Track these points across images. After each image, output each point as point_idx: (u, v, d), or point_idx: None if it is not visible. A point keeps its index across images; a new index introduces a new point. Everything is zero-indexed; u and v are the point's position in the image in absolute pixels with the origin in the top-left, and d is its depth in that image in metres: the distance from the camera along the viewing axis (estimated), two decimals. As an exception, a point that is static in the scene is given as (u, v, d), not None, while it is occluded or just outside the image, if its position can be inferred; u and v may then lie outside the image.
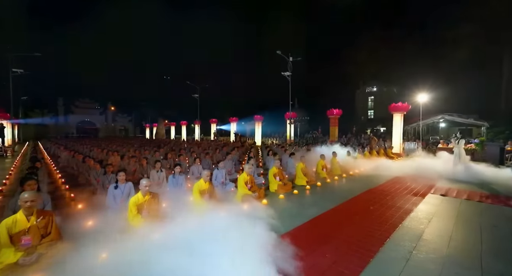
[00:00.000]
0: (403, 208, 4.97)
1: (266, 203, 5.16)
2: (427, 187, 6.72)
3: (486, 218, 4.47)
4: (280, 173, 6.59)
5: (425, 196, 5.84)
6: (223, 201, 4.89)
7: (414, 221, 4.29)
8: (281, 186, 6.24)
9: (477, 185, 6.89)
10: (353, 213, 4.70)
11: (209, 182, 4.69)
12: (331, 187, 6.99)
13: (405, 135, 21.63)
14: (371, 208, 5.01)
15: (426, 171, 8.30)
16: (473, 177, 7.39)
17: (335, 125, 18.95)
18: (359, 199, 5.67)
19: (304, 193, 6.19)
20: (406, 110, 15.40)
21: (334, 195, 6.04)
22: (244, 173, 5.57)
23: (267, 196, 5.85)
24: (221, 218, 3.31)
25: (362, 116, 55.15)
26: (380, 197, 5.83)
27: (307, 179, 7.15)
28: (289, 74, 20.84)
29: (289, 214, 4.58)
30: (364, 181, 7.68)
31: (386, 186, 6.94)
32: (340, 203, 5.29)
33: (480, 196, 5.80)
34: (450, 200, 5.59)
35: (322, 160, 8.36)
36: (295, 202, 5.41)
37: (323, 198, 5.78)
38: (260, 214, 4.26)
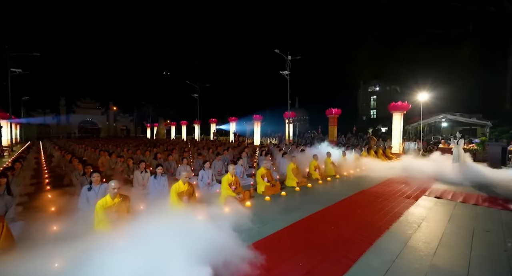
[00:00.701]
0: (393, 211, 4.73)
1: (249, 205, 4.96)
2: (422, 189, 6.46)
3: (480, 222, 4.22)
4: (268, 174, 6.38)
5: (418, 199, 5.59)
6: (203, 203, 4.70)
7: (403, 225, 4.06)
8: (269, 188, 6.03)
9: (475, 186, 6.61)
10: (339, 217, 4.47)
11: (188, 184, 4.49)
12: (321, 188, 6.76)
13: (406, 135, 21.28)
14: (358, 211, 4.78)
15: (424, 172, 8.01)
16: (472, 178, 7.09)
17: (334, 124, 18.67)
18: (348, 202, 5.43)
19: (292, 195, 5.97)
20: (406, 109, 15.08)
21: (323, 197, 5.82)
22: (228, 174, 5.37)
23: (253, 198, 5.65)
24: (187, 223, 3.10)
25: (365, 115, 54.64)
26: (371, 199, 5.60)
27: (298, 180, 6.94)
28: (288, 73, 20.58)
29: (271, 217, 4.37)
30: (357, 182, 7.43)
31: (379, 187, 6.69)
32: (328, 206, 5.06)
33: (476, 199, 5.53)
34: (444, 203, 5.33)
35: (314, 161, 8.13)
36: (280, 204, 5.20)
37: (311, 200, 5.56)
38: (238, 218, 4.06)
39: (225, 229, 3.24)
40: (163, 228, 2.76)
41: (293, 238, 3.56)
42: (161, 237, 2.55)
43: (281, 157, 9.20)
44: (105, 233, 2.95)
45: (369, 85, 53.70)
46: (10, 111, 20.74)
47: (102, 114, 49.27)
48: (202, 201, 5.01)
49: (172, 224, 2.91)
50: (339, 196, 5.82)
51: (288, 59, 20.68)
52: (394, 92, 48.99)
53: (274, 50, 20.05)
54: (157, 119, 43.57)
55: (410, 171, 8.16)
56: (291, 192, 6.23)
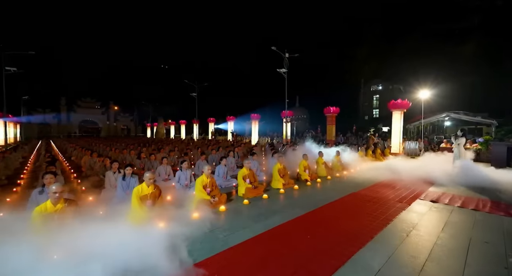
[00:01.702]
0: (381, 217, 4.25)
1: (223, 210, 4.52)
2: (417, 191, 5.96)
3: (478, 231, 3.73)
4: (250, 174, 5.94)
5: (412, 203, 5.10)
6: (173, 207, 4.28)
7: (389, 235, 3.59)
8: (250, 190, 5.59)
9: (476, 189, 6.08)
10: (320, 224, 4.02)
11: (153, 186, 4.07)
12: (309, 190, 6.30)
13: (408, 134, 20.66)
14: (342, 217, 4.32)
15: (421, 173, 7.50)
16: (473, 180, 6.56)
17: (332, 123, 18.14)
18: (334, 206, 4.97)
19: (275, 198, 5.53)
20: (406, 107, 14.49)
21: (308, 200, 5.36)
22: (203, 175, 4.94)
23: (232, 201, 5.22)
24: (114, 234, 2.68)
25: (367, 115, 53.81)
26: (359, 203, 5.13)
27: (284, 182, 6.49)
28: (285, 71, 20.10)
29: (242, 224, 3.93)
30: (348, 184, 6.96)
31: (370, 190, 6.21)
32: (310, 211, 4.61)
33: (476, 203, 5.02)
34: (439, 207, 4.84)
35: (304, 161, 7.66)
36: (259, 209, 4.75)
37: (293, 204, 5.11)
38: (204, 225, 3.64)
39: (165, 243, 2.78)
40: (79, 239, 2.34)
41: (260, 250, 3.12)
42: (70, 250, 2.13)
43: (271, 157, 8.76)
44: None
45: (371, 84, 52.90)
46: (5, 109, 20.54)
47: (102, 114, 49.29)
48: (173, 205, 4.60)
49: (92, 236, 2.48)
50: (326, 199, 5.36)
51: (286, 57, 20.24)
52: (397, 91, 48.09)
53: (271, 47, 19.66)
54: (157, 119, 43.38)
55: (407, 172, 7.64)
56: (275, 194, 5.78)
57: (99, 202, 4.61)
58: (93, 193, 5.24)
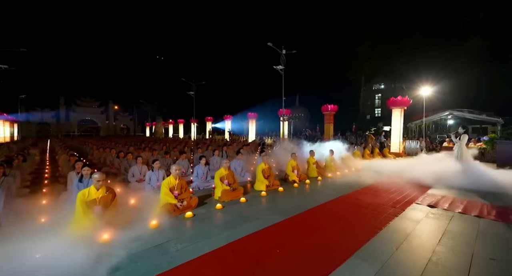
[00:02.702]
0: (369, 226, 3.69)
1: (190, 215, 3.98)
2: (414, 194, 5.37)
3: (482, 243, 3.15)
4: (229, 176, 5.40)
5: (407, 207, 4.52)
6: (129, 214, 3.76)
7: (376, 248, 3.02)
8: (227, 193, 5.05)
9: (479, 193, 5.45)
10: (295, 234, 3.46)
11: (105, 189, 3.55)
12: (294, 193, 5.74)
13: (409, 133, 19.98)
14: (325, 225, 3.76)
15: (419, 174, 6.88)
16: (476, 182, 5.94)
17: (330, 122, 17.50)
18: (317, 211, 4.41)
19: (254, 201, 4.97)
20: (407, 105, 13.83)
21: (290, 204, 4.80)
22: (171, 176, 4.41)
23: (205, 205, 4.68)
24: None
25: (369, 114, 52.92)
26: (347, 208, 4.56)
27: (268, 183, 5.94)
28: (282, 68, 19.50)
29: (205, 234, 3.38)
30: (339, 185, 6.38)
31: (362, 192, 5.63)
32: (289, 217, 4.05)
33: (480, 209, 4.43)
34: (438, 213, 4.25)
35: (293, 160, 7.10)
36: (231, 214, 4.20)
37: (273, 208, 4.56)
38: (158, 236, 3.11)
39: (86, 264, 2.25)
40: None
41: (214, 270, 2.57)
42: None
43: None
44: None
45: (373, 83, 52.00)
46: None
47: (101, 113, 48.97)
48: (133, 211, 4.08)
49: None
50: (310, 203, 4.80)
51: (283, 54, 19.65)
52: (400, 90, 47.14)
53: (267, 43, 19.08)
54: (156, 118, 43.00)
55: (403, 173, 7.03)
56: (255, 198, 5.23)
57: (52, 206, 4.10)
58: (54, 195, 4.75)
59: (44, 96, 42.93)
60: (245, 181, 6.79)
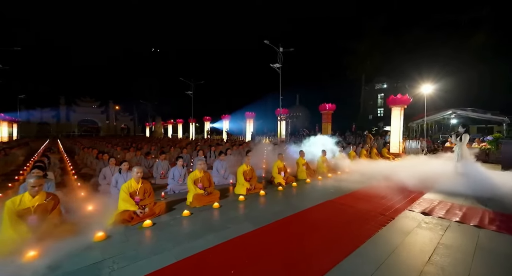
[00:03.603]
0: (351, 236, 3.21)
1: (148, 225, 3.53)
2: (407, 199, 4.87)
3: (480, 261, 2.66)
4: (205, 178, 4.95)
5: (397, 215, 4.03)
6: (74, 224, 3.33)
7: (352, 267, 2.54)
8: (200, 197, 4.60)
9: (481, 198, 4.92)
10: (260, 248, 2.99)
11: (43, 196, 3.12)
12: (276, 197, 5.26)
13: (411, 133, 19.34)
14: (299, 237, 3.28)
15: (416, 176, 6.35)
16: (477, 186, 5.38)
17: (328, 121, 16.99)
18: (295, 220, 3.93)
19: (229, 207, 4.51)
20: (407, 103, 13.27)
21: (268, 210, 4.34)
22: (132, 180, 3.96)
23: (173, 211, 4.23)
24: None
25: (371, 114, 52.10)
26: (330, 215, 4.08)
27: (250, 186, 5.48)
28: (279, 66, 19.02)
29: (155, 249, 2.92)
30: (328, 189, 5.90)
31: (352, 196, 5.14)
32: (261, 226, 3.59)
33: (481, 217, 3.92)
34: (432, 222, 3.75)
35: (279, 161, 6.63)
36: (196, 223, 3.74)
37: (247, 215, 4.09)
38: (96, 252, 2.66)
39: None
40: None
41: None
42: None
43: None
44: None
45: (375, 82, 51.18)
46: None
47: (102, 113, 48.96)
48: (85, 218, 3.65)
49: None
50: (291, 209, 4.33)
51: (280, 52, 19.17)
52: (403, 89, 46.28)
53: (264, 41, 18.61)
54: (155, 118, 42.82)
55: (399, 175, 6.51)
56: (231, 203, 4.77)
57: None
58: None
59: (44, 96, 42.98)
60: (227, 183, 6.35)
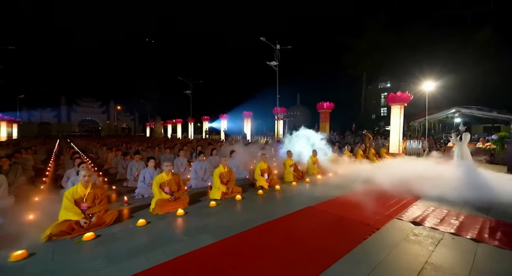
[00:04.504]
0: (326, 251, 2.71)
1: (89, 237, 3.05)
2: (398, 206, 4.34)
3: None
4: (172, 182, 4.48)
5: (384, 224, 3.51)
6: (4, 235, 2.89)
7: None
8: (164, 203, 4.13)
9: (481, 206, 4.34)
10: (223, 262, 2.50)
11: None
12: (253, 203, 4.76)
13: (412, 132, 18.67)
14: (265, 251, 2.78)
15: (412, 179, 5.80)
16: (478, 191, 4.82)
17: (326, 120, 16.43)
18: (266, 230, 3.43)
19: (197, 214, 4.04)
20: (407, 101, 12.65)
21: (239, 218, 3.85)
22: (79, 185, 3.51)
23: (130, 219, 3.77)
24: None
25: (374, 114, 51.26)
26: (307, 225, 3.58)
27: (226, 190, 5.01)
28: (276, 64, 18.50)
29: (80, 270, 2.46)
30: (313, 193, 5.39)
31: (336, 202, 4.63)
32: (222, 239, 3.10)
33: (480, 229, 3.38)
34: (422, 234, 3.22)
35: (262, 163, 6.14)
36: (152, 234, 3.27)
37: (213, 224, 3.60)
38: None
39: None
40: None
41: None
42: None
43: (230, 157, 7.27)
44: None
45: (379, 81, 50.36)
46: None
47: (102, 113, 48.95)
48: (19, 229, 3.21)
49: None
50: (265, 217, 3.84)
51: (277, 49, 18.66)
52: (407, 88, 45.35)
53: (260, 38, 18.12)
54: (155, 118, 42.62)
55: (393, 178, 5.96)
56: (199, 209, 4.30)
57: None
58: None
59: (45, 96, 43.02)
60: (206, 186, 5.89)
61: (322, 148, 8.77)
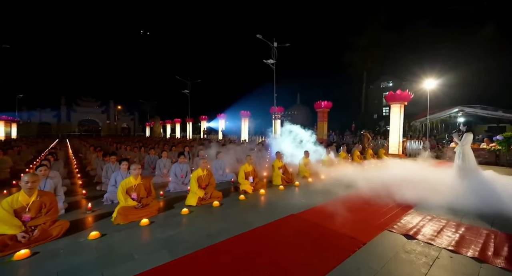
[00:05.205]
0: (300, 271, 2.27)
1: (23, 256, 2.60)
2: (390, 214, 3.87)
3: None
4: (141, 187, 4.05)
5: (371, 238, 3.05)
6: None
7: None
8: (128, 212, 3.70)
9: (485, 215, 3.85)
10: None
11: None
12: (230, 209, 4.32)
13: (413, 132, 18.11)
14: (221, 273, 2.34)
15: (409, 184, 5.32)
16: (480, 198, 4.32)
17: (323, 120, 15.92)
18: (237, 243, 2.98)
19: (163, 224, 3.60)
20: (407, 100, 12.14)
21: (208, 229, 3.40)
22: (21, 192, 3.08)
23: (83, 231, 3.35)
24: None
25: (376, 113, 50.59)
26: (286, 238, 3.13)
27: (204, 195, 4.58)
28: (273, 62, 18.04)
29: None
30: (300, 198, 4.94)
31: (321, 210, 4.16)
32: (182, 256, 2.67)
33: (483, 244, 2.90)
34: (415, 251, 2.75)
35: (247, 165, 5.70)
36: (98, 251, 2.82)
37: (175, 237, 3.17)
38: None
39: None
40: None
41: None
42: None
43: (215, 159, 6.84)
44: None
45: (381, 81, 49.70)
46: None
47: (102, 113, 48.81)
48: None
49: None
50: (239, 227, 3.41)
51: (274, 47, 18.19)
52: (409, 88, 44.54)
53: (257, 35, 17.67)
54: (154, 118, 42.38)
55: (388, 182, 5.48)
56: (168, 218, 3.85)
57: None
58: None
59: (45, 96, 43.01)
60: (185, 190, 5.46)
61: (314, 148, 8.29)
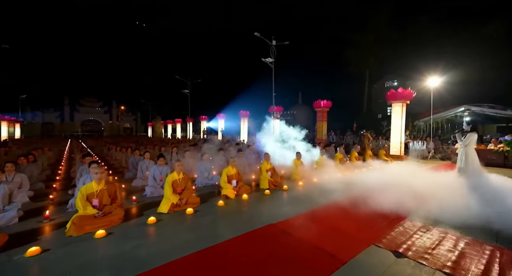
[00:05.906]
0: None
1: None
2: (378, 226, 3.42)
3: None
4: (103, 193, 3.69)
5: (354, 256, 2.62)
6: None
7: None
8: (84, 221, 3.33)
9: (488, 228, 3.34)
10: None
11: None
12: (205, 217, 3.92)
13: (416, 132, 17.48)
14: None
15: (406, 189, 4.86)
16: (484, 207, 3.83)
17: (323, 119, 15.44)
18: (201, 259, 2.58)
19: (122, 236, 3.23)
20: (409, 98, 11.60)
21: (172, 241, 3.02)
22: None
23: (24, 246, 3.00)
24: None
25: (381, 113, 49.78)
26: (259, 251, 2.72)
27: (177, 201, 4.20)
28: (272, 60, 17.61)
29: None
30: (285, 204, 4.53)
31: (304, 219, 3.74)
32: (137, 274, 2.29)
33: (487, 265, 2.45)
34: (403, 272, 2.31)
35: (230, 167, 5.30)
36: (33, 272, 2.48)
37: (130, 253, 2.79)
38: None
39: None
40: None
41: None
42: None
43: (200, 160, 6.46)
44: None
45: (385, 80, 48.91)
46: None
47: (105, 113, 49.03)
48: None
49: None
50: (210, 239, 3.02)
51: (273, 45, 17.77)
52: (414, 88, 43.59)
53: (255, 33, 17.26)
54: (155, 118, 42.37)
55: (380, 188, 5.02)
56: (130, 228, 3.48)
57: None
58: None
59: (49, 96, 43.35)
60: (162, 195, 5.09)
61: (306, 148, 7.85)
